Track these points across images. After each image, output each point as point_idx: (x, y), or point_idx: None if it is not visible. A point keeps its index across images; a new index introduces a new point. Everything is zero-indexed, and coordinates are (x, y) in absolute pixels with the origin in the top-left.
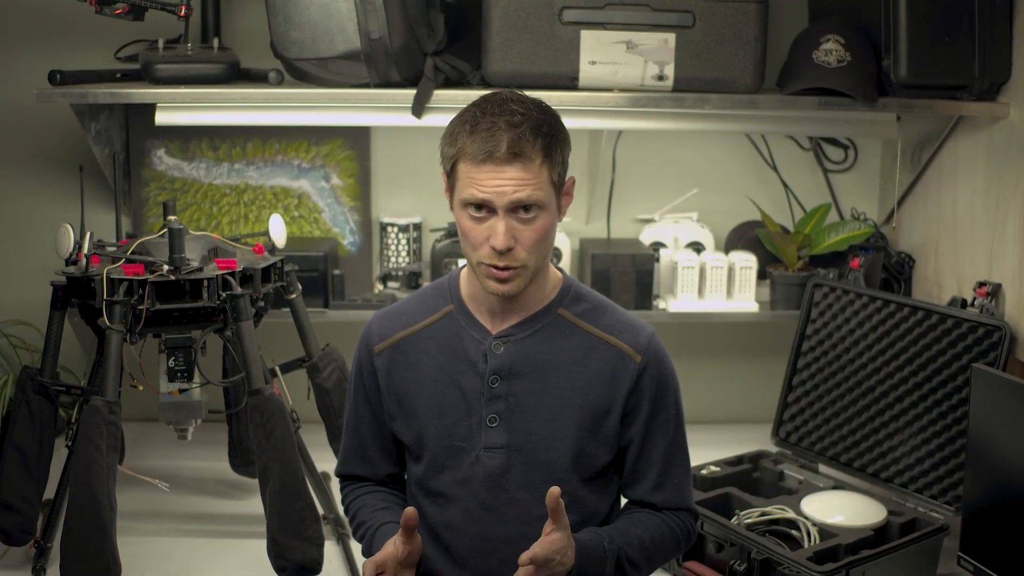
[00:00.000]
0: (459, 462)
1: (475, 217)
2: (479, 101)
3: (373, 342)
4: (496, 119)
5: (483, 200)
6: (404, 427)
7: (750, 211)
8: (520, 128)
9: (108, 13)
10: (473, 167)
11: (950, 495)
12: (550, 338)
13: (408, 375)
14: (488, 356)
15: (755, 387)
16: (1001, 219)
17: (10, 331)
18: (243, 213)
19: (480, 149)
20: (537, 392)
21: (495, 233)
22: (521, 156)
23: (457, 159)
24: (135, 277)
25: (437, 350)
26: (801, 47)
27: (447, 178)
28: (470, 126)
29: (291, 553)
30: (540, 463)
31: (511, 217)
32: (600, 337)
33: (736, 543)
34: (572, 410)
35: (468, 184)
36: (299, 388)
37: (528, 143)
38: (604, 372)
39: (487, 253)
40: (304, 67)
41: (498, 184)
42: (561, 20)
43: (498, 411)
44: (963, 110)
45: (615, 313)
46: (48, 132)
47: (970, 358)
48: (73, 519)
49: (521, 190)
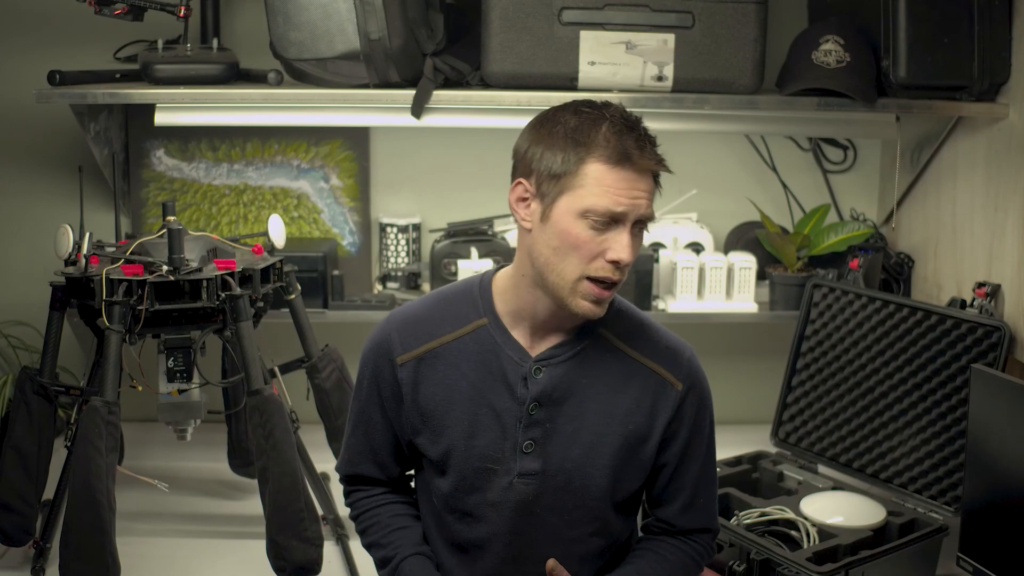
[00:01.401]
0: (490, 485)
1: (596, 227)
2: (587, 104)
3: (395, 353)
4: (626, 123)
5: (619, 213)
6: (430, 443)
7: (749, 212)
8: (652, 139)
9: (107, 13)
10: (608, 170)
11: (949, 496)
12: (591, 361)
13: (436, 391)
14: (528, 381)
15: (754, 388)
16: (1000, 220)
17: (9, 331)
18: (242, 214)
19: (619, 151)
20: (576, 418)
21: (618, 246)
22: (658, 165)
23: (585, 160)
24: (134, 278)
25: (469, 366)
26: (800, 48)
27: (545, 182)
28: (605, 127)
29: (290, 554)
30: (574, 490)
31: (631, 230)
32: (641, 363)
33: (735, 543)
34: (610, 438)
35: (601, 191)
36: (298, 388)
37: (658, 157)
38: (644, 400)
39: (601, 266)
40: (303, 67)
41: (635, 196)
42: (560, 21)
43: (534, 437)
44: (962, 111)
45: (655, 333)
46: (47, 133)
47: (969, 359)
48: (72, 519)
49: (650, 205)
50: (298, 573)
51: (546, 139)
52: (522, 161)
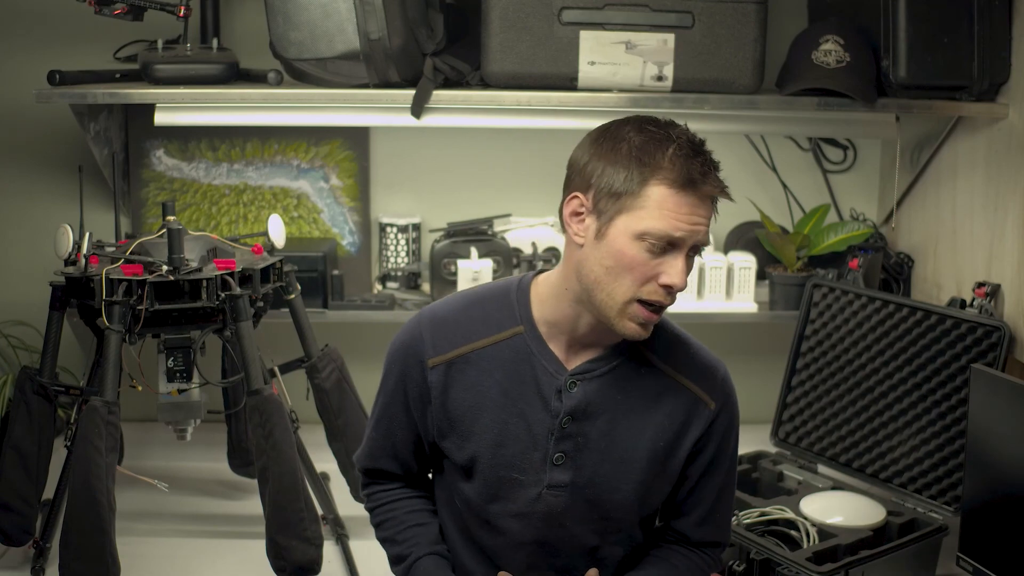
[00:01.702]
0: (516, 495)
1: (653, 250)
2: (650, 122)
3: (426, 355)
4: (692, 147)
5: (678, 238)
6: (456, 448)
7: (749, 212)
8: (716, 164)
9: (107, 13)
10: (672, 194)
11: (949, 495)
12: (626, 377)
13: (466, 396)
14: (563, 394)
15: (754, 387)
16: (1000, 220)
17: (9, 331)
18: (242, 213)
19: (685, 175)
20: (608, 433)
21: (673, 271)
22: (720, 192)
23: (649, 181)
24: (134, 277)
25: (502, 374)
26: (800, 48)
27: (604, 199)
28: (672, 149)
29: (290, 553)
30: (603, 503)
31: (686, 255)
32: (675, 379)
33: (735, 543)
34: (641, 452)
35: (660, 215)
36: (298, 388)
37: (721, 183)
38: (677, 416)
39: (654, 290)
40: (303, 67)
41: (695, 221)
42: (560, 20)
43: (565, 450)
44: (962, 111)
45: (691, 349)
46: (47, 132)
47: (969, 359)
48: (72, 519)
49: (707, 232)
50: (298, 573)
51: (609, 155)
52: (580, 174)
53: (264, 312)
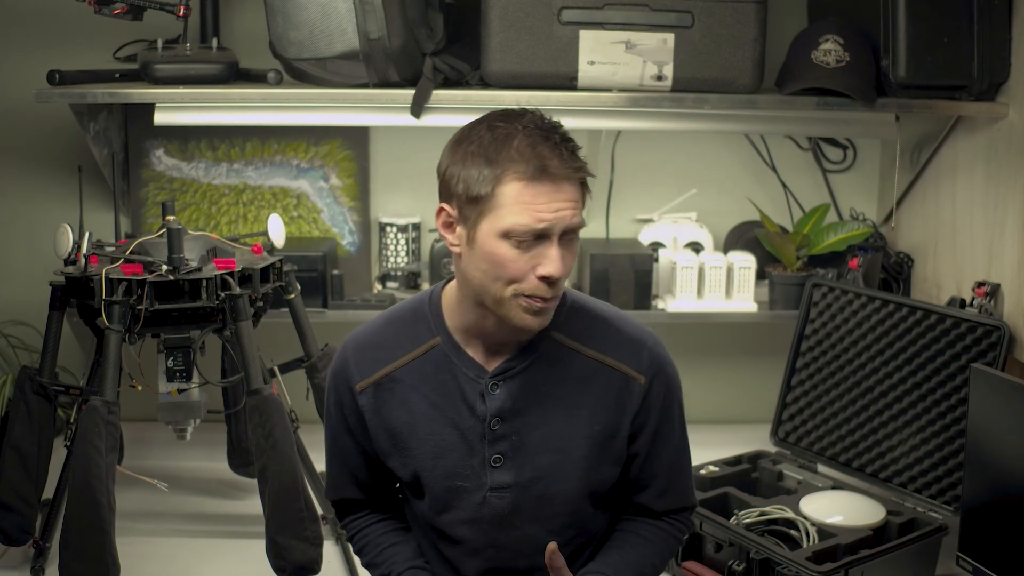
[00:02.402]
0: (464, 502)
1: (521, 246)
2: (499, 117)
3: (354, 380)
4: (540, 133)
5: (543, 229)
6: (400, 465)
7: (749, 211)
8: (569, 144)
9: (107, 13)
10: (525, 187)
11: (949, 495)
12: (547, 368)
13: (398, 414)
14: (486, 397)
15: (754, 387)
16: (1000, 219)
17: (9, 331)
18: (242, 213)
19: (534, 165)
20: (540, 427)
21: (548, 260)
22: (579, 172)
23: (500, 180)
24: (134, 277)
25: (428, 387)
26: (800, 47)
27: (465, 206)
28: (516, 141)
29: (290, 553)
30: (551, 497)
31: (561, 242)
32: (600, 361)
33: (735, 543)
34: (578, 440)
35: (519, 210)
36: (298, 388)
37: (579, 159)
38: (608, 397)
39: (534, 285)
40: (303, 67)
41: (557, 208)
42: (560, 20)
43: (502, 451)
44: (962, 110)
45: (612, 325)
46: (47, 132)
47: (969, 358)
48: (72, 519)
49: (576, 214)
50: (298, 573)
51: (462, 160)
52: (443, 184)
53: (264, 312)
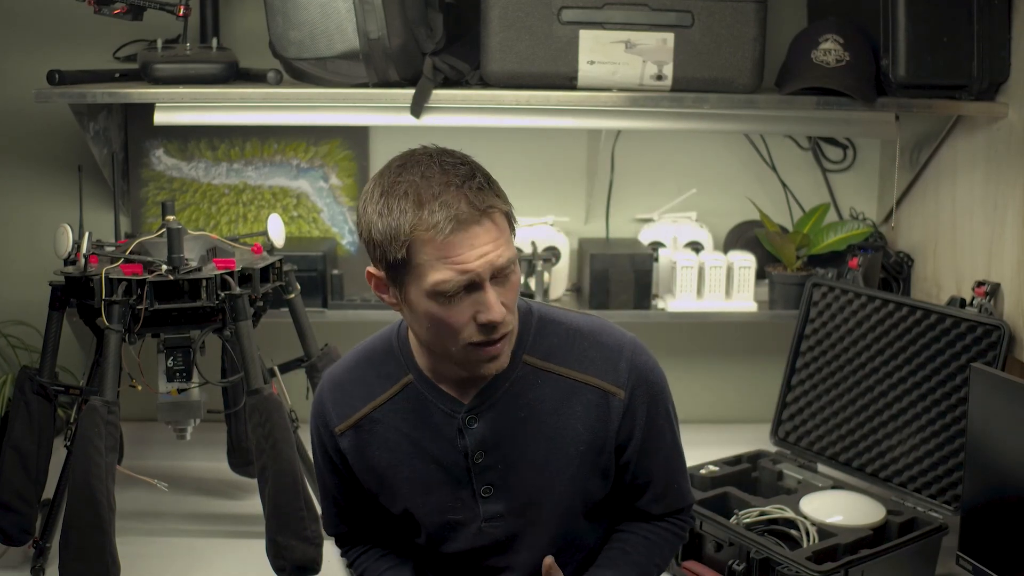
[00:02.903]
0: (459, 535)
1: (454, 300)
2: (399, 167)
3: (332, 423)
4: (439, 178)
5: (468, 281)
6: (391, 502)
7: (749, 211)
8: (474, 180)
9: (107, 13)
10: (439, 245)
11: (949, 495)
12: (524, 394)
13: (380, 454)
14: (465, 432)
15: (754, 387)
16: (1000, 218)
17: (9, 331)
18: (242, 213)
19: (441, 218)
20: (525, 454)
21: (485, 307)
22: (491, 209)
23: (411, 242)
24: (134, 277)
25: (407, 425)
26: (800, 47)
27: (389, 271)
28: (414, 195)
29: (290, 553)
30: (544, 521)
31: (493, 284)
32: (575, 380)
33: (735, 543)
34: (564, 460)
35: (439, 267)
36: (298, 388)
37: (488, 192)
38: (588, 415)
39: (475, 332)
40: (303, 67)
41: (479, 255)
42: (560, 20)
43: (490, 481)
44: (962, 110)
45: (586, 339)
46: (47, 132)
47: (969, 358)
48: (72, 519)
49: (502, 253)
50: (298, 572)
51: (370, 225)
52: (367, 248)
53: (264, 311)
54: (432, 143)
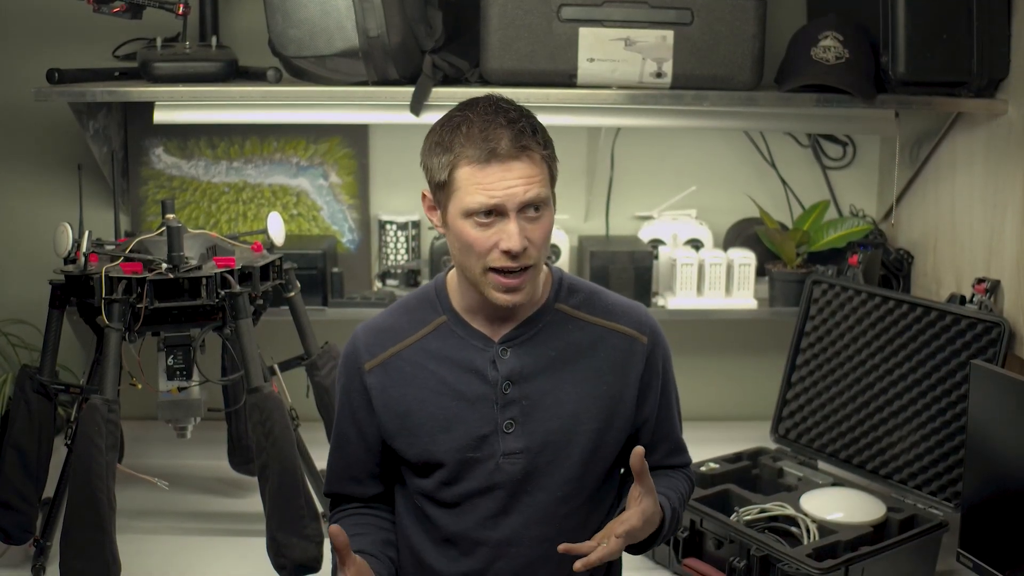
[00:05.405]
0: (476, 472)
1: (481, 224)
2: (463, 105)
3: (362, 360)
4: (490, 117)
5: (494, 206)
6: (407, 445)
7: (749, 208)
8: (519, 124)
9: (106, 11)
10: (476, 170)
11: (949, 491)
12: (555, 335)
13: (406, 391)
14: (497, 363)
15: (754, 384)
16: (999, 215)
17: (9, 330)
18: (242, 211)
19: (482, 149)
20: (551, 391)
21: (507, 235)
22: (527, 150)
23: (455, 165)
24: (134, 275)
25: (436, 363)
26: (799, 44)
27: (436, 192)
28: (466, 128)
29: (290, 551)
30: (560, 462)
31: (520, 217)
32: (603, 326)
33: (735, 540)
34: (588, 401)
35: (473, 190)
36: (298, 386)
37: (529, 136)
38: (615, 358)
39: (497, 257)
40: (302, 65)
41: (508, 185)
42: (559, 17)
43: (513, 416)
44: (961, 107)
45: (608, 297)
46: (46, 131)
47: (969, 355)
48: (72, 518)
49: (530, 189)
50: (298, 571)
51: (428, 151)
52: (424, 173)
53: (264, 310)
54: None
